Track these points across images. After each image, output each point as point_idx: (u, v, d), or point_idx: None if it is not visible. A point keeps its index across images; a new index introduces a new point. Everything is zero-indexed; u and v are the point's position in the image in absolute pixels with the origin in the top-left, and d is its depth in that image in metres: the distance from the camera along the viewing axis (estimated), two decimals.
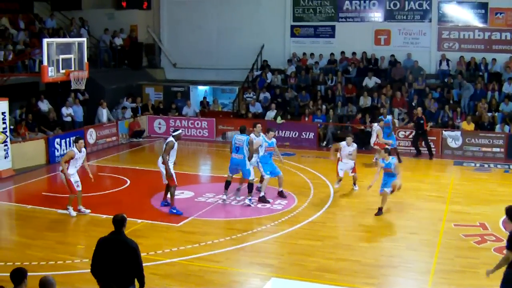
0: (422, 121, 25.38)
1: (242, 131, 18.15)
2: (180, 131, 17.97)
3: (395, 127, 25.57)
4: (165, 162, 16.93)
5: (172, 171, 17.01)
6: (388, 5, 31.55)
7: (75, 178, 16.62)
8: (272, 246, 14.65)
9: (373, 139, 23.51)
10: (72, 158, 16.41)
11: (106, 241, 9.29)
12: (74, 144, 16.81)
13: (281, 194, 18.87)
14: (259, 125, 18.89)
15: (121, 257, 9.12)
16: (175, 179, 17.06)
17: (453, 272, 12.65)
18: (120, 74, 33.21)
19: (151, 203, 18.13)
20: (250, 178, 17.94)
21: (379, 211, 16.89)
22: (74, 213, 16.37)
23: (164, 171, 17.09)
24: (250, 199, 18.01)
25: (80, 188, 16.74)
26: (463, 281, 12.34)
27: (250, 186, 18.08)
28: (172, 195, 17.20)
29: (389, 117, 24.25)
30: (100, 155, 25.59)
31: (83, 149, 16.87)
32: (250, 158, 17.91)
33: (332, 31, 32.90)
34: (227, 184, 18.22)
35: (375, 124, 23.59)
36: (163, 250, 13.94)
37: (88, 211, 16.67)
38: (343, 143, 19.65)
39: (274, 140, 18.83)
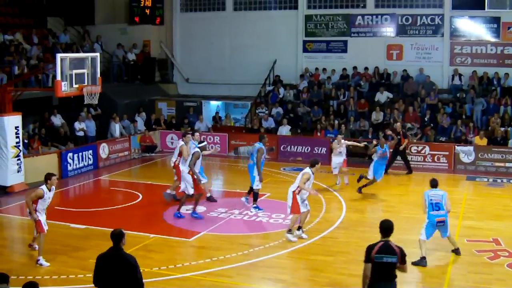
0: (399, 137, 25.09)
1: (260, 139, 19.42)
2: (205, 143, 19.43)
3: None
4: (192, 172, 17.76)
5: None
6: (400, 20, 31.57)
7: (43, 218, 14.46)
8: (284, 262, 14.60)
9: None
10: (40, 198, 14.22)
11: (105, 257, 9.31)
12: (45, 181, 14.40)
13: (210, 199, 20.00)
14: (197, 134, 20.44)
15: (121, 273, 9.14)
16: (201, 187, 18.24)
17: None
18: (133, 89, 33.37)
19: (163, 217, 18.14)
20: (254, 186, 18.75)
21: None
22: (46, 264, 14.05)
23: (191, 181, 17.85)
24: (255, 207, 18.89)
25: (46, 227, 14.56)
26: None
27: (255, 195, 18.92)
28: (197, 202, 18.17)
29: (386, 146, 21.78)
30: (112, 169, 25.65)
31: (53, 188, 14.57)
32: (257, 165, 18.71)
33: (345, 46, 32.92)
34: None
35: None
36: (175, 265, 13.93)
37: (47, 264, 14.15)
38: (309, 171, 16.54)
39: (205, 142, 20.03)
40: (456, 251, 14.61)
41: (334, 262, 14.29)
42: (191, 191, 17.96)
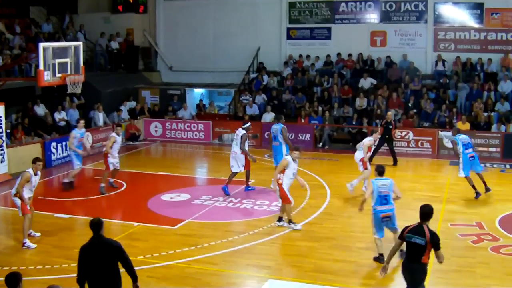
0: (390, 126, 24.34)
1: (277, 119, 21.17)
2: (249, 123, 20.12)
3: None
4: (244, 152, 19.26)
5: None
6: (384, 7, 31.60)
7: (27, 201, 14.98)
8: (269, 248, 14.63)
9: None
10: (28, 181, 14.68)
11: (90, 247, 9.26)
12: (32, 165, 14.87)
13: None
14: (82, 121, 21.40)
15: (108, 259, 9.15)
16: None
17: (450, 272, 12.63)
18: (116, 77, 33.22)
19: (147, 206, 18.11)
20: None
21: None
22: (33, 245, 14.49)
23: (243, 160, 19.38)
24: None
25: (32, 211, 15.14)
26: (460, 280, 12.34)
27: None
28: (248, 177, 19.86)
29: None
30: (96, 158, 25.48)
31: (39, 172, 15.11)
32: (287, 143, 20.14)
33: (328, 33, 32.91)
34: None
35: (368, 139, 19.93)
36: (160, 253, 13.92)
37: (38, 234, 15.27)
38: (288, 158, 15.86)
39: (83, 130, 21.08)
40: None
41: (319, 248, 14.33)
42: (241, 168, 19.34)
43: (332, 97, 30.02)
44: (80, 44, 21.89)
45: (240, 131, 19.51)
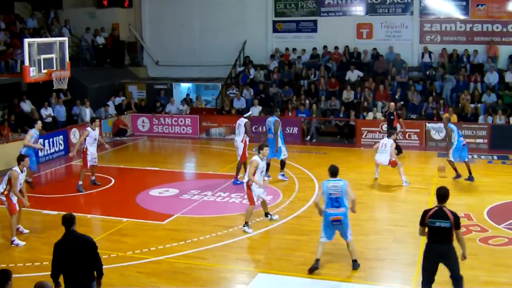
0: (392, 117, 23.99)
1: (272, 112, 21.25)
2: (251, 112, 21.09)
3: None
4: (244, 142, 19.85)
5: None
6: None
7: (15, 199, 14.86)
8: (258, 242, 14.66)
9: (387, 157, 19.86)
10: (15, 179, 14.48)
11: (65, 243, 9.32)
12: (18, 163, 14.71)
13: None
14: (39, 122, 20.97)
15: (82, 254, 9.20)
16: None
17: None
18: (102, 73, 33.09)
19: (136, 201, 18.08)
20: (281, 156, 20.38)
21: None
22: (22, 243, 14.54)
23: (242, 149, 19.83)
24: (282, 174, 20.72)
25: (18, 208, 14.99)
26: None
27: (282, 163, 20.70)
28: (238, 170, 19.92)
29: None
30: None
31: (25, 169, 15.03)
32: (276, 137, 20.17)
33: (314, 26, 32.90)
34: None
35: (389, 141, 20.07)
36: (149, 248, 13.90)
37: (27, 231, 15.35)
38: (257, 158, 15.32)
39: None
40: (354, 264, 12.61)
41: (308, 241, 14.32)
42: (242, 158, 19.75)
43: (319, 90, 30.01)
44: (65, 39, 21.85)
45: (242, 120, 19.87)
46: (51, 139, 24.64)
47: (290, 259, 13.29)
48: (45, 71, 20.01)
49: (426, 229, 10.34)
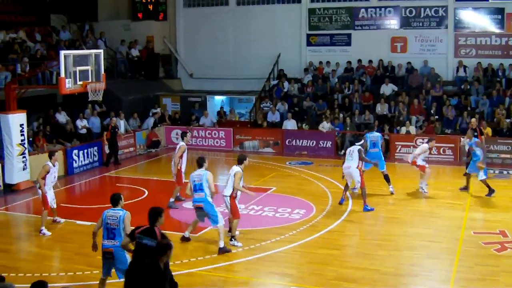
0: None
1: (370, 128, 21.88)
2: (363, 141, 19.68)
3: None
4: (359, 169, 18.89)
5: None
6: (404, 12, 31.50)
7: (51, 196, 16.65)
8: (290, 256, 14.60)
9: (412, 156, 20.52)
10: (47, 172, 16.45)
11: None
12: (49, 158, 16.89)
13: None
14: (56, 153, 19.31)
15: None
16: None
17: (473, 280, 12.54)
18: (137, 85, 33.37)
19: (169, 213, 18.14)
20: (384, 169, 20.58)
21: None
22: (48, 233, 16.16)
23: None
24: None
25: (55, 206, 17.01)
26: None
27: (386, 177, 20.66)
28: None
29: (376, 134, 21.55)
30: (118, 165, 25.64)
31: (57, 163, 17.13)
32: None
33: (348, 39, 32.88)
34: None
35: (425, 145, 20.76)
36: (181, 261, 13.92)
37: (49, 233, 16.20)
38: (240, 169, 15.45)
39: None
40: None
41: (341, 256, 14.28)
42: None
43: (353, 103, 29.94)
44: (100, 51, 22.01)
45: (356, 147, 18.79)
46: (85, 150, 24.88)
47: (323, 274, 13.21)
48: (81, 83, 20.18)
49: None
